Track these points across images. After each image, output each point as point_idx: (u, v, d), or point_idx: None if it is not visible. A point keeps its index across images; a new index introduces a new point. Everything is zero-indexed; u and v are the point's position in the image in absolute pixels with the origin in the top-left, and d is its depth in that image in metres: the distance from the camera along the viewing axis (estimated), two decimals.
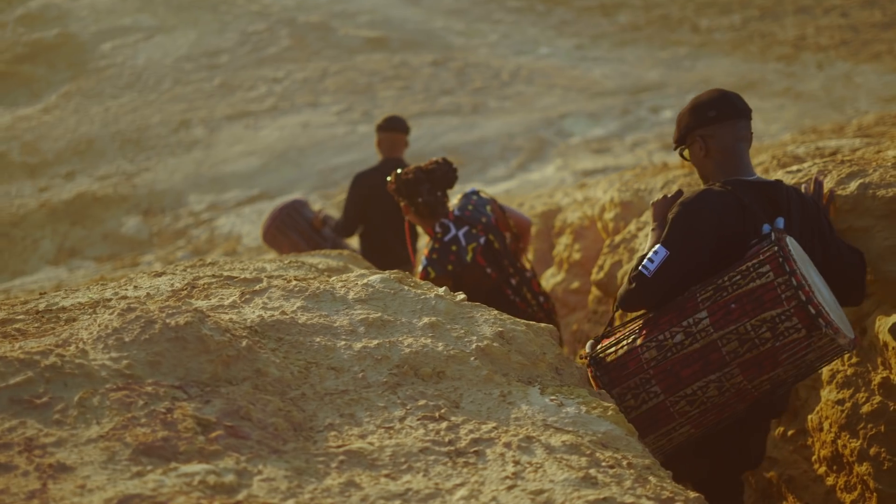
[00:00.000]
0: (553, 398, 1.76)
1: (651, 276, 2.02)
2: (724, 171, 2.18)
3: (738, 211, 2.06)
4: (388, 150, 4.45)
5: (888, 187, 2.33)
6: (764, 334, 1.80)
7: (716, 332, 1.84)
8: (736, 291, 1.85)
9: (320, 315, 1.93)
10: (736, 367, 1.83)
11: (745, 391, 1.87)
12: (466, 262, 3.13)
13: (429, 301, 2.02)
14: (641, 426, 1.91)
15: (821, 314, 1.78)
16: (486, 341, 1.88)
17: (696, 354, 1.86)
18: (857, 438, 2.30)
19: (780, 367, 1.83)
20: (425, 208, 3.19)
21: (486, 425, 1.63)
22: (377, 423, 1.62)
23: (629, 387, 1.95)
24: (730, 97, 2.19)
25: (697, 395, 1.87)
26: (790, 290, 1.78)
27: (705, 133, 2.17)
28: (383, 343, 1.83)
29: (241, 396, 1.59)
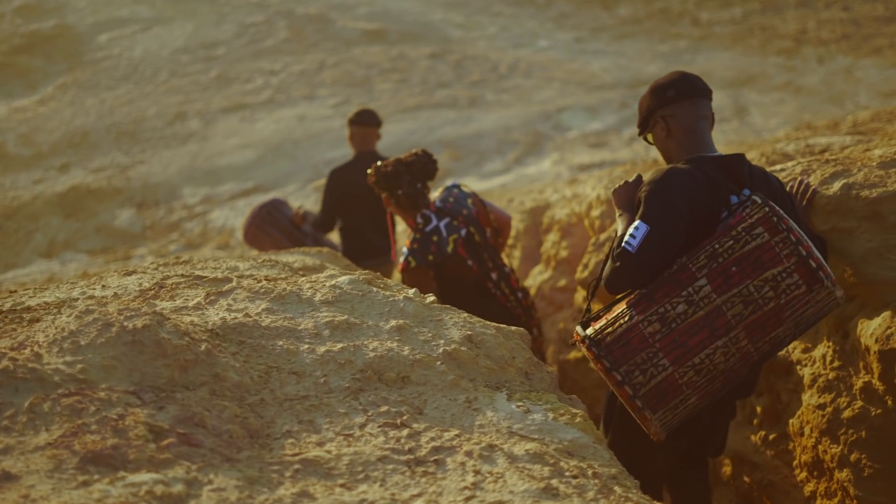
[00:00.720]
0: (520, 404, 1.72)
1: (636, 251, 1.99)
2: (686, 149, 2.18)
3: (706, 185, 2.07)
4: (360, 144, 4.48)
5: (872, 188, 2.29)
6: (767, 293, 1.81)
7: (719, 297, 1.83)
8: (733, 255, 1.84)
9: (285, 317, 1.89)
10: (742, 330, 1.83)
11: (747, 354, 1.86)
12: (447, 252, 3.14)
13: (397, 303, 1.98)
14: (651, 402, 1.89)
15: (822, 268, 1.79)
16: (453, 345, 1.84)
17: (701, 322, 1.85)
18: (837, 444, 2.26)
19: (782, 325, 1.83)
20: (406, 200, 3.19)
21: (449, 433, 1.59)
22: (336, 431, 1.58)
23: (636, 363, 1.90)
24: (689, 77, 2.21)
25: (705, 364, 1.85)
26: (788, 247, 1.78)
27: (666, 113, 2.19)
28: (348, 347, 1.79)
29: (196, 402, 1.55)
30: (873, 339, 2.17)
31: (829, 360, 2.36)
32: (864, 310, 2.28)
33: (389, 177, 3.20)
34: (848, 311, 2.33)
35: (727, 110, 13.90)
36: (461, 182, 3.83)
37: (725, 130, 12.87)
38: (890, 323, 2.15)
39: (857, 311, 2.30)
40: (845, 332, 2.34)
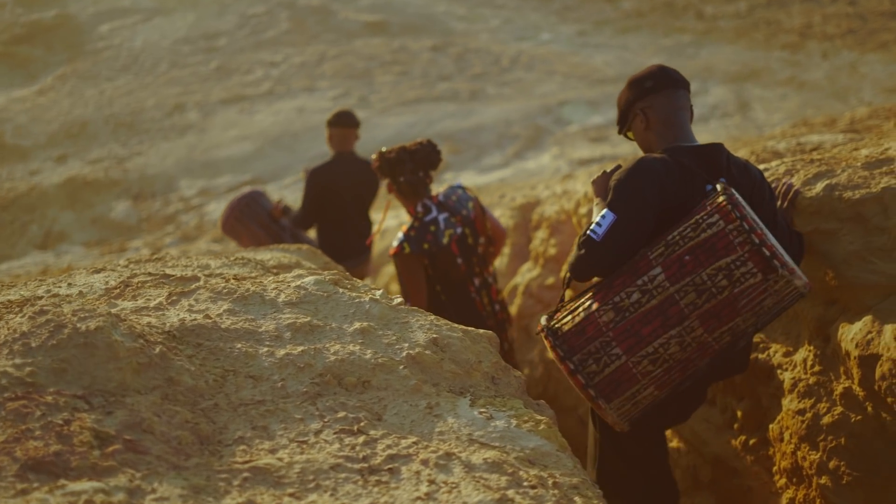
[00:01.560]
0: (483, 410, 1.67)
1: (600, 239, 1.98)
2: (664, 140, 2.16)
3: (680, 174, 2.05)
4: (339, 145, 4.52)
5: (855, 189, 2.23)
6: (720, 282, 1.76)
7: (672, 285, 1.80)
8: (688, 244, 1.81)
9: (246, 319, 1.84)
10: (696, 320, 1.78)
11: (706, 344, 1.81)
12: (442, 244, 3.14)
13: (363, 305, 1.93)
14: (606, 391, 1.87)
15: (776, 256, 1.74)
16: (417, 349, 1.80)
17: (654, 311, 1.82)
18: (817, 451, 2.21)
19: (739, 315, 1.78)
20: (407, 187, 3.20)
21: (406, 440, 1.55)
22: (291, 437, 1.53)
23: (590, 352, 1.88)
24: (666, 69, 2.20)
25: (659, 353, 1.82)
26: (742, 234, 1.74)
27: (644, 105, 2.18)
28: (308, 350, 1.75)
29: (146, 407, 1.51)
30: (853, 344, 2.12)
31: (810, 364, 2.31)
32: (845, 314, 2.23)
33: (393, 163, 3.20)
34: (829, 315, 2.28)
35: (730, 105, 13.81)
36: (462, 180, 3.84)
37: (727, 125, 12.78)
38: (871, 328, 2.10)
39: (839, 315, 2.25)
40: (826, 337, 2.29)
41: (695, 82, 14.95)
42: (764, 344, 2.51)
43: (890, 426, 2.08)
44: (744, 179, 2.12)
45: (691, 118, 2.23)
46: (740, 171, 2.13)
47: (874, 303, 2.14)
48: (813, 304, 2.32)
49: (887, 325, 2.07)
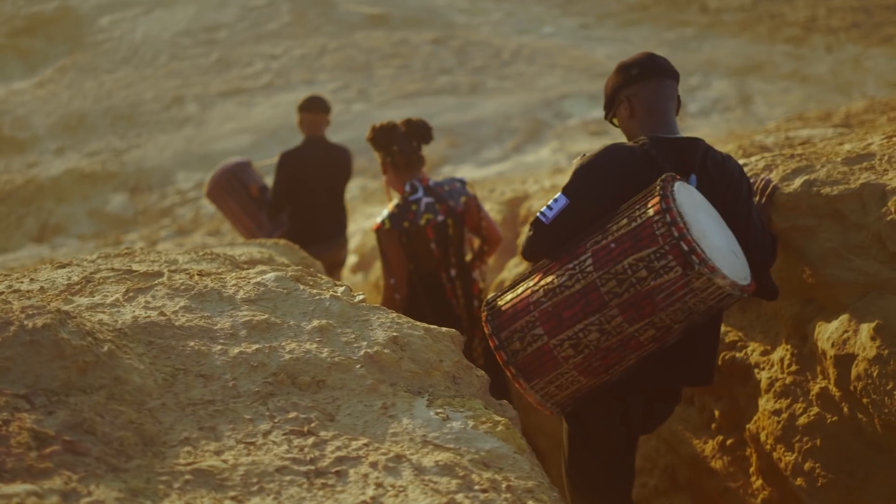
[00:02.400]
0: (440, 411, 1.64)
1: (549, 222, 2.00)
2: (646, 129, 2.13)
3: (645, 164, 2.02)
4: (309, 129, 4.56)
5: (834, 185, 2.18)
6: (640, 273, 1.74)
7: (596, 272, 1.79)
8: (618, 232, 1.80)
9: (202, 316, 1.81)
10: (615, 308, 1.75)
11: (628, 337, 1.78)
12: (419, 224, 3.18)
13: (323, 302, 1.90)
14: (528, 370, 1.87)
15: (694, 251, 1.69)
16: (376, 347, 1.76)
17: (577, 295, 1.80)
18: (792, 452, 2.17)
19: (659, 309, 1.74)
20: (401, 157, 3.20)
21: (357, 442, 1.51)
22: (238, 438, 1.50)
23: (515, 329, 1.88)
24: (654, 57, 2.17)
25: (580, 339, 1.80)
26: (664, 227, 1.72)
27: (630, 93, 2.15)
28: (263, 348, 1.71)
29: (90, 407, 1.48)
30: (830, 344, 2.07)
31: (787, 364, 2.26)
32: (822, 312, 2.18)
33: (386, 131, 3.22)
34: (806, 314, 2.24)
35: (731, 99, 13.71)
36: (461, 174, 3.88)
37: (729, 119, 12.69)
38: (847, 326, 2.06)
39: (816, 314, 2.20)
40: (804, 336, 2.24)
41: (697, 76, 14.85)
42: (742, 343, 2.47)
43: (866, 427, 2.03)
44: (719, 176, 2.07)
45: (678, 109, 2.20)
46: (717, 166, 2.08)
47: (851, 301, 2.09)
48: (790, 302, 2.28)
49: (864, 324, 2.02)
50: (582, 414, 2.14)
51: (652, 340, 1.80)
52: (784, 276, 2.26)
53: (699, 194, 1.97)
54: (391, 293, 3.24)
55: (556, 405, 1.91)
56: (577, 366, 1.83)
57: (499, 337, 1.90)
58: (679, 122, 9.82)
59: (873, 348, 1.95)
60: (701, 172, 2.06)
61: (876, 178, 2.16)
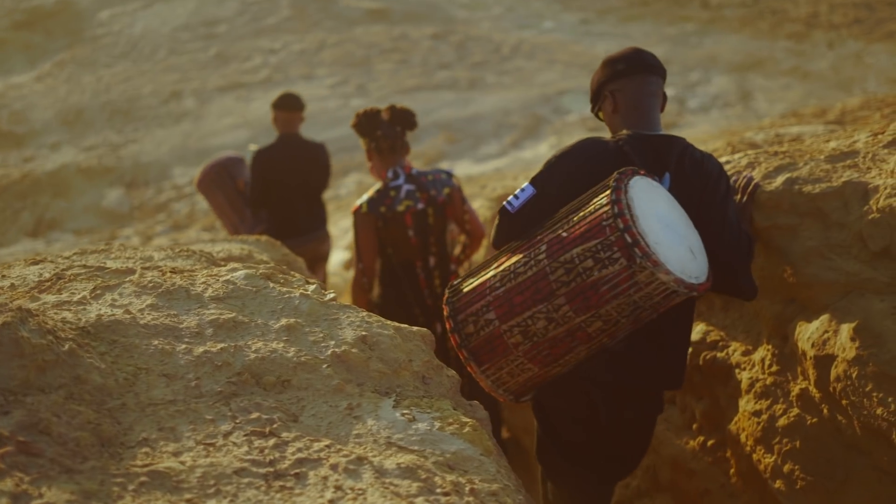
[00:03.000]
0: (406, 412, 1.61)
1: (514, 211, 2.02)
2: (628, 125, 2.12)
3: (617, 159, 2.02)
4: (283, 127, 4.63)
5: (816, 183, 2.15)
6: (586, 263, 1.73)
7: (547, 259, 1.80)
8: (572, 222, 1.81)
9: (168, 315, 1.78)
10: (563, 297, 1.74)
11: (575, 328, 1.77)
12: (396, 210, 3.20)
13: (292, 301, 1.87)
14: (480, 354, 1.87)
15: (637, 244, 1.67)
16: (344, 347, 1.73)
17: (528, 282, 1.80)
18: (771, 453, 2.14)
19: (604, 301, 1.73)
20: (385, 142, 3.22)
21: (319, 443, 1.49)
22: (198, 439, 1.47)
23: (470, 313, 1.88)
24: (641, 53, 2.16)
25: (529, 326, 1.79)
26: (611, 218, 1.71)
27: (615, 88, 2.15)
28: (228, 347, 1.68)
29: (47, 407, 1.45)
30: (810, 344, 2.04)
31: (768, 364, 2.24)
32: (803, 312, 2.15)
33: (370, 117, 3.24)
34: (787, 314, 2.20)
35: (731, 95, 13.65)
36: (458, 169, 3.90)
37: (728, 115, 12.63)
38: (827, 327, 2.03)
39: (798, 314, 2.17)
40: (784, 336, 2.21)
41: (697, 72, 14.79)
42: (724, 342, 2.44)
43: (845, 429, 2.00)
44: (696, 175, 2.05)
45: (663, 106, 2.19)
46: (694, 165, 2.06)
47: (832, 301, 2.06)
48: (772, 301, 2.25)
49: (844, 325, 1.99)
50: (546, 405, 2.15)
51: (600, 333, 1.78)
52: (765, 276, 2.23)
53: (664, 192, 1.94)
54: (360, 277, 3.27)
55: (509, 392, 1.90)
56: (526, 353, 1.83)
57: (455, 319, 1.90)
58: (678, 118, 9.87)
59: (853, 349, 1.92)
60: (677, 171, 2.04)
61: (859, 177, 2.12)
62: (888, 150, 2.21)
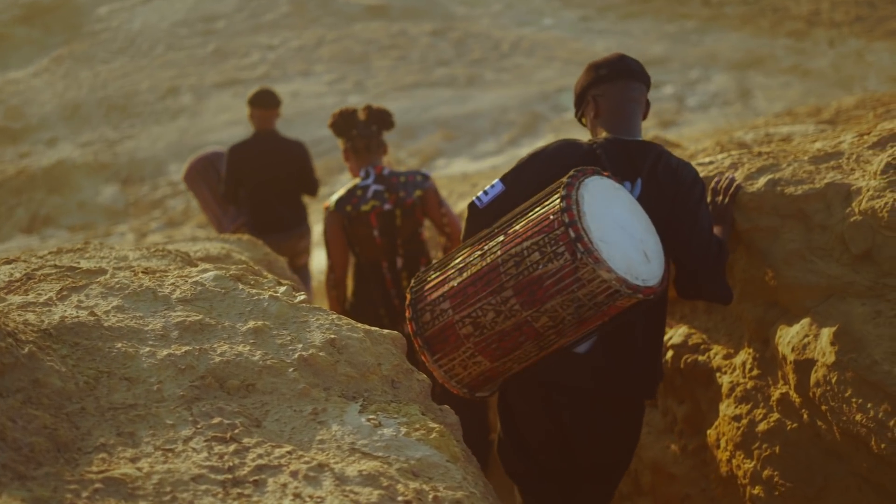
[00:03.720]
0: (372, 417, 1.58)
1: (482, 207, 2.05)
2: (608, 129, 2.13)
3: (589, 162, 2.04)
4: (259, 124, 4.66)
5: (798, 184, 2.12)
6: (533, 256, 1.74)
7: (500, 252, 1.81)
8: (526, 216, 1.82)
9: (134, 317, 1.75)
10: (510, 289, 1.76)
11: (522, 322, 1.77)
12: (361, 210, 3.23)
13: (261, 303, 1.84)
14: (433, 343, 1.88)
15: (580, 240, 1.68)
16: (311, 350, 1.70)
17: (481, 273, 1.82)
18: (751, 459, 2.11)
19: (549, 296, 1.73)
20: (361, 141, 3.26)
21: (281, 449, 1.46)
22: (157, 445, 1.45)
23: (428, 302, 1.90)
24: (625, 59, 2.17)
25: (479, 317, 1.80)
26: (560, 213, 1.73)
27: (597, 93, 2.15)
28: (193, 350, 1.66)
29: (2, 412, 1.43)
30: (790, 348, 2.01)
31: (749, 368, 2.20)
32: (785, 316, 2.12)
33: (345, 116, 3.28)
34: (769, 317, 2.17)
35: (731, 93, 13.58)
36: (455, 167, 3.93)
37: (727, 114, 12.57)
38: (808, 331, 2.00)
39: (779, 317, 2.14)
40: (765, 339, 2.18)
41: (697, 69, 14.72)
42: (705, 345, 2.41)
43: (825, 435, 1.97)
44: (669, 181, 2.04)
45: (646, 113, 2.20)
46: (668, 172, 2.05)
47: (813, 305, 2.03)
48: (753, 304, 2.21)
49: (825, 329, 1.96)
50: (509, 401, 2.17)
51: (548, 329, 1.78)
52: (747, 278, 2.20)
53: (626, 195, 1.92)
54: (329, 273, 3.34)
55: (462, 384, 1.90)
56: (476, 345, 1.83)
57: (414, 308, 1.91)
58: (677, 116, 9.79)
59: (832, 354, 1.89)
60: (649, 177, 2.04)
61: (842, 178, 2.09)
62: (873, 152, 2.18)
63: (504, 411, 2.21)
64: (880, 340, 1.84)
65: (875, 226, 1.93)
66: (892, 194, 1.92)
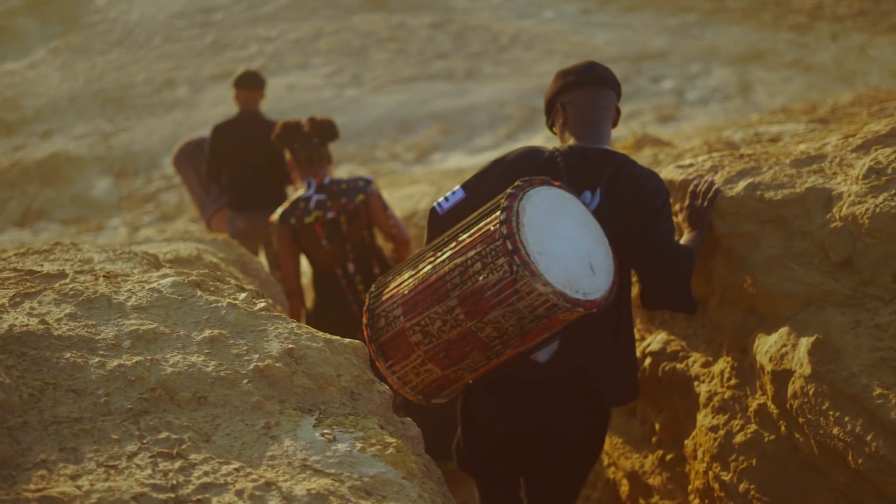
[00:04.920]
0: (327, 432, 1.53)
1: (443, 213, 2.04)
2: (575, 136, 2.10)
3: (549, 171, 2.02)
4: (244, 105, 4.75)
5: (778, 188, 2.05)
6: (475, 267, 1.73)
7: (448, 261, 1.79)
8: (473, 226, 1.81)
9: (86, 325, 1.70)
10: (455, 299, 1.75)
11: (468, 332, 1.75)
12: (305, 221, 3.28)
13: (219, 310, 1.78)
14: (387, 350, 1.87)
15: (517, 252, 1.66)
16: (268, 360, 1.65)
17: (430, 281, 1.80)
18: (728, 471, 2.05)
19: (490, 307, 1.71)
20: (302, 154, 3.33)
21: (229, 466, 1.41)
22: (100, 461, 1.39)
23: (383, 308, 1.89)
24: (594, 66, 2.14)
25: (427, 326, 1.79)
26: (500, 225, 1.72)
27: (566, 100, 2.13)
28: (144, 361, 1.60)
29: None
30: (768, 358, 1.96)
31: (727, 377, 2.15)
32: (763, 324, 2.06)
33: (288, 130, 3.34)
34: (748, 325, 2.11)
35: (731, 87, 13.48)
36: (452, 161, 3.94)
37: (727, 109, 12.48)
38: (786, 340, 1.94)
39: (758, 326, 2.08)
40: (744, 348, 2.12)
41: (697, 63, 14.61)
42: (684, 353, 2.35)
43: (803, 448, 1.92)
44: (630, 192, 2.00)
45: (616, 120, 2.16)
46: (628, 182, 2.01)
47: (792, 313, 1.97)
48: (732, 312, 2.16)
49: (803, 339, 1.90)
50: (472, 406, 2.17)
51: (493, 340, 1.76)
52: (726, 285, 2.14)
53: (578, 206, 1.88)
54: (282, 284, 3.40)
55: (417, 392, 1.89)
56: (426, 353, 1.81)
57: (371, 314, 1.90)
58: (676, 111, 9.68)
59: (810, 365, 1.83)
60: (610, 187, 2.01)
61: (823, 182, 2.03)
62: (856, 155, 2.11)
63: (465, 414, 2.21)
64: (859, 352, 1.78)
65: (856, 232, 1.87)
66: (873, 200, 1.86)
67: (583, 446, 2.10)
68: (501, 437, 2.12)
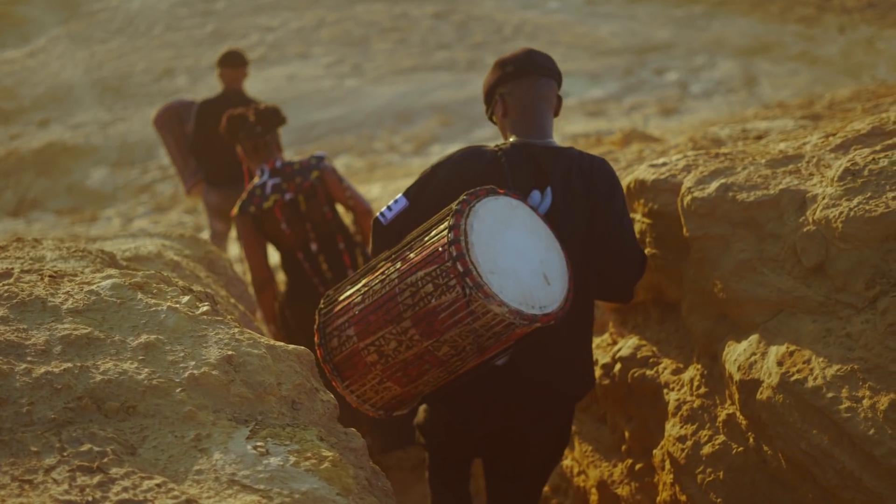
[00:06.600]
0: (260, 444, 1.46)
1: (387, 223, 1.98)
2: (516, 130, 2.01)
3: (493, 172, 1.93)
4: (228, 83, 4.89)
5: (752, 190, 1.97)
6: (427, 287, 1.66)
7: (398, 280, 1.73)
8: (421, 243, 1.74)
9: (16, 329, 1.63)
10: (409, 320, 1.69)
11: (424, 351, 1.69)
12: (264, 207, 3.27)
13: (158, 315, 1.71)
14: (342, 369, 1.81)
15: (469, 274, 1.59)
16: (204, 368, 1.58)
17: (381, 301, 1.74)
18: (694, 483, 1.98)
19: (447, 328, 1.65)
20: (248, 144, 3.35)
21: (151, 481, 1.34)
22: (16, 475, 1.33)
23: (335, 327, 1.83)
24: (533, 54, 2.03)
25: (382, 346, 1.74)
26: (448, 244, 1.65)
27: (505, 91, 2.03)
28: (73, 368, 1.53)
29: None
30: (736, 367, 1.88)
31: (696, 385, 2.07)
32: (734, 331, 1.98)
33: (234, 120, 3.36)
34: (718, 331, 2.03)
35: (736, 80, 13.32)
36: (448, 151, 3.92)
37: (731, 102, 12.32)
38: (755, 349, 1.86)
39: (728, 332, 2.00)
40: (714, 355, 2.04)
41: (702, 55, 14.44)
42: (655, 359, 2.27)
43: (771, 461, 1.84)
44: (584, 190, 1.92)
45: (557, 110, 2.07)
46: (582, 179, 1.93)
47: (763, 320, 1.89)
48: (702, 317, 2.08)
49: (773, 347, 1.82)
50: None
51: (451, 357, 1.70)
52: (696, 289, 2.06)
53: (525, 213, 1.80)
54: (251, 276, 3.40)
55: (377, 408, 1.83)
56: (383, 372, 1.75)
57: (322, 333, 1.83)
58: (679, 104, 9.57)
59: (778, 375, 1.75)
60: (562, 186, 1.92)
61: (798, 184, 1.94)
62: (835, 155, 2.02)
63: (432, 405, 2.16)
64: (829, 362, 1.70)
65: (829, 237, 1.79)
66: (847, 203, 1.78)
67: (546, 447, 2.04)
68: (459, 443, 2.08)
